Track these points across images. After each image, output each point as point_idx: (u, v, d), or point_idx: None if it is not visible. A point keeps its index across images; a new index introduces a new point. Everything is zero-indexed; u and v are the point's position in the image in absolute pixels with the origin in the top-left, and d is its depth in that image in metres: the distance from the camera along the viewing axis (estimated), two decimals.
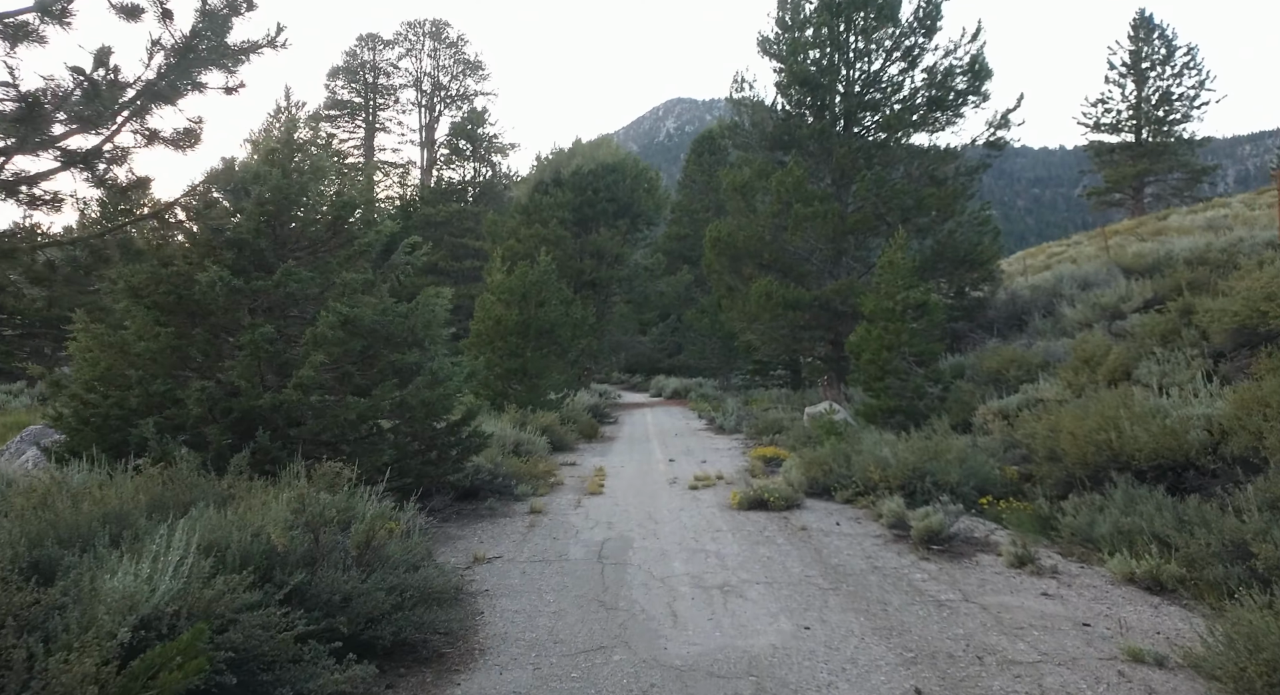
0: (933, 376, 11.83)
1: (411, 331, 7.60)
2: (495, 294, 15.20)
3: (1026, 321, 14.29)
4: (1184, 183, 41.31)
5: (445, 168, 42.10)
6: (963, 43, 14.96)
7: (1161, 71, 40.82)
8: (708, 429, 16.91)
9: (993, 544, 6.05)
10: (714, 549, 6.16)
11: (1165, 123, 40.65)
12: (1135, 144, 41.28)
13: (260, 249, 7.09)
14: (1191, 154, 40.59)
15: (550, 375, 15.36)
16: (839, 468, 8.46)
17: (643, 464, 11.59)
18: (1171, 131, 40.59)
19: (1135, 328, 10.54)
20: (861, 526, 6.89)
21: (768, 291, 14.35)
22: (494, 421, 12.27)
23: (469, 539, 6.73)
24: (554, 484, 9.60)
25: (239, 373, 6.58)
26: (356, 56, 51.63)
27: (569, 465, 11.54)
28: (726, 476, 10.01)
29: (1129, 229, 25.77)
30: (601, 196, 27.26)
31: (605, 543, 6.47)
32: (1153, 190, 41.98)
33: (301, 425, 6.79)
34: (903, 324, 11.78)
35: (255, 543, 3.78)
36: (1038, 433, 7.92)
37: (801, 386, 20.18)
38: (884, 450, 8.20)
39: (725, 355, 26.74)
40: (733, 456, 12.27)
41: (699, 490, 9.08)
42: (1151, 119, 40.97)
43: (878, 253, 15.72)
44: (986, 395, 10.99)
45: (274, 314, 7.30)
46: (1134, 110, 41.30)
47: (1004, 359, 11.53)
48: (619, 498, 8.70)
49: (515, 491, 8.62)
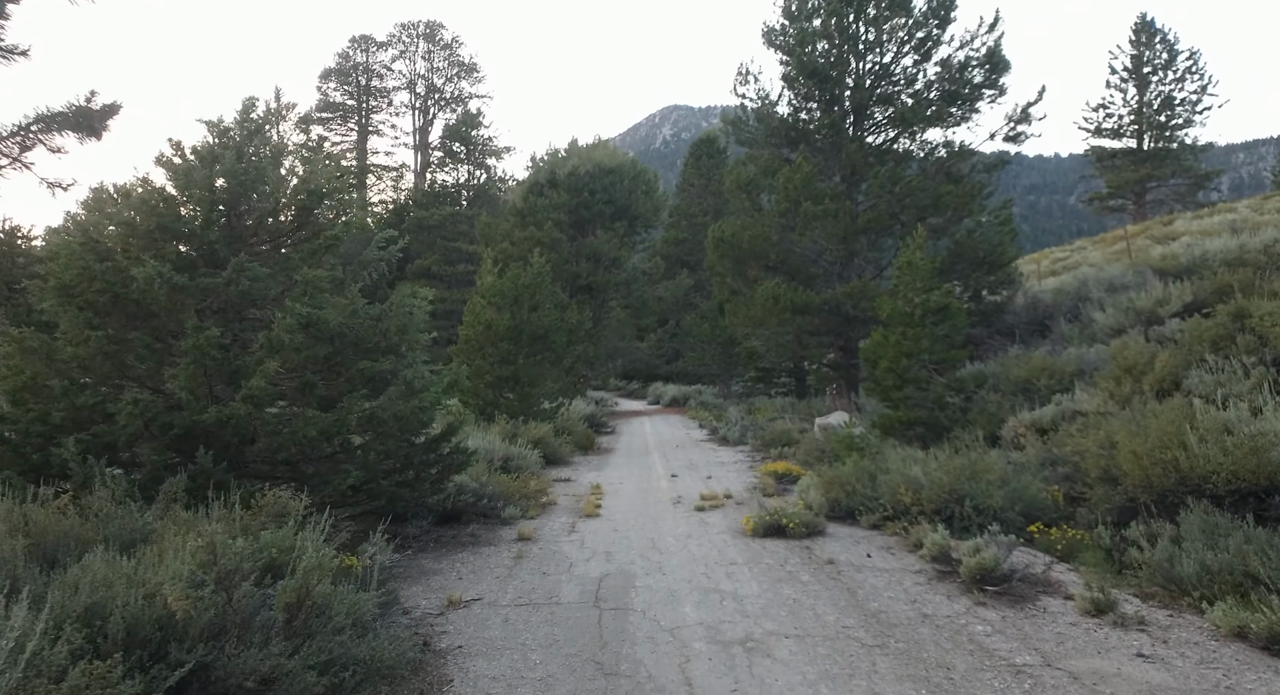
0: (955, 386, 10.99)
1: (385, 336, 6.73)
2: (486, 297, 14.34)
3: (1050, 327, 13.47)
4: (1186, 188, 40.80)
5: (439, 170, 41.28)
6: (980, 33, 14.20)
7: (1163, 76, 40.29)
8: (710, 440, 16.05)
9: (1055, 584, 5.19)
10: (730, 588, 5.28)
11: (1167, 128, 40.12)
12: (1137, 149, 40.74)
13: (210, 241, 6.21)
14: (1194, 159, 40.05)
15: (544, 383, 14.49)
16: (863, 488, 7.59)
17: (643, 480, 10.71)
18: (1174, 136, 40.06)
19: (1179, 333, 9.72)
20: (897, 559, 6.02)
21: (774, 294, 13.51)
22: (482, 434, 11.38)
23: (445, 573, 5.84)
24: (546, 505, 8.72)
25: (181, 383, 5.70)
26: (349, 58, 50.87)
27: (563, 482, 10.65)
28: (735, 495, 9.14)
29: (1135, 234, 25.08)
30: (598, 198, 26.43)
31: (603, 579, 5.60)
32: (1155, 196, 41.45)
33: (254, 444, 5.91)
34: (922, 329, 10.95)
35: (148, 607, 2.89)
36: (1087, 449, 7.08)
37: (807, 395, 19.33)
38: (914, 469, 7.34)
39: (726, 362, 25.88)
40: (740, 471, 11.40)
41: (706, 512, 8.21)
42: (1153, 124, 40.40)
43: (891, 254, 14.91)
44: (1016, 406, 10.15)
45: (227, 316, 6.43)
46: (1135, 115, 40.74)
47: (1033, 367, 10.69)
48: (618, 521, 7.82)
49: (502, 514, 7.74)
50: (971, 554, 5.32)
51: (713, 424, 17.72)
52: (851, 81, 14.68)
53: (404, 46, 51.35)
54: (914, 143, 14.42)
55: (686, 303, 34.30)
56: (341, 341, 6.41)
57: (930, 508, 6.82)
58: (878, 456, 8.58)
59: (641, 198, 27.64)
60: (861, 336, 14.94)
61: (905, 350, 10.97)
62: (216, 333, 5.68)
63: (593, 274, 25.67)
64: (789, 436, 13.21)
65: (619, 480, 10.75)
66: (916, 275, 11.24)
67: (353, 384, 6.46)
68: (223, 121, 6.68)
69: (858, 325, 14.38)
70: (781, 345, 15.05)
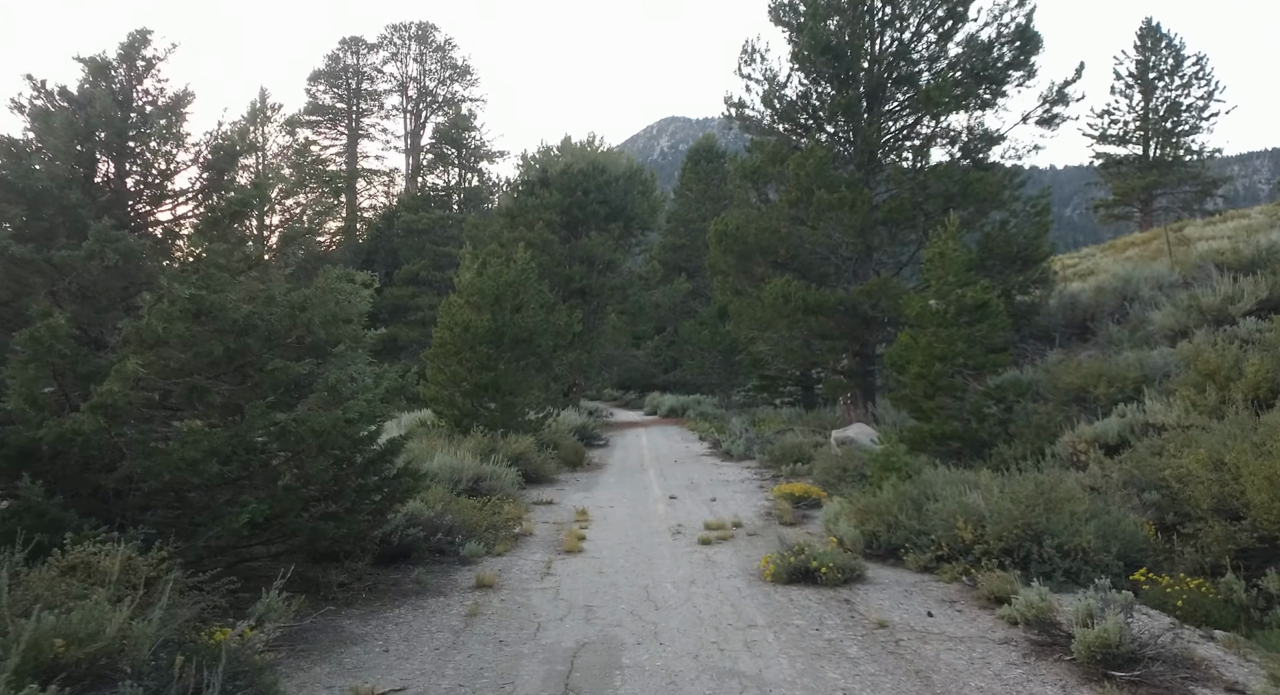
0: (995, 395, 9.59)
1: (308, 329, 5.29)
2: (464, 297, 12.92)
3: (1092, 329, 12.09)
4: (1192, 196, 39.84)
5: (429, 172, 39.98)
6: (1009, 7, 12.90)
7: (1169, 81, 39.34)
8: (712, 454, 14.60)
9: (1202, 665, 3.75)
10: (751, 669, 3.84)
11: (1174, 134, 39.15)
12: (1143, 156, 39.76)
13: (71, 205, 4.78)
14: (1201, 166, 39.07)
15: (528, 392, 13.05)
16: (908, 520, 6.16)
17: (637, 503, 9.26)
18: (1180, 143, 39.11)
19: (1260, 334, 8.35)
20: (969, 620, 4.58)
21: (784, 293, 12.11)
22: (453, 449, 9.94)
23: (369, 642, 4.38)
24: (519, 536, 7.26)
25: (16, 387, 4.26)
26: (339, 60, 49.61)
27: (544, 505, 9.19)
28: (746, 523, 7.70)
29: (1145, 240, 23.86)
30: (592, 198, 25.04)
31: (580, 652, 4.15)
32: (1162, 203, 40.47)
33: (115, 469, 4.46)
34: (956, 330, 9.56)
35: None
36: (1189, 472, 5.67)
37: (816, 405, 17.89)
38: (971, 496, 5.91)
39: (726, 370, 24.46)
40: (748, 492, 9.95)
41: (713, 546, 6.76)
42: (1159, 130, 39.44)
43: (912, 249, 13.56)
44: (1071, 418, 8.74)
45: (99, 302, 5.00)
46: (1141, 121, 39.78)
47: (1087, 374, 9.29)
48: (605, 559, 6.37)
49: (462, 551, 6.28)
50: (1082, 619, 3.89)
51: (714, 436, 16.26)
52: (867, 61, 13.35)
53: (395, 48, 50.17)
54: (937, 126, 13.07)
55: (685, 309, 32.90)
56: (248, 336, 4.97)
57: (998, 547, 5.38)
58: (918, 478, 7.14)
59: (638, 198, 26.26)
60: (879, 340, 13.57)
61: (938, 353, 9.56)
62: (64, 321, 4.24)
63: (586, 277, 24.23)
64: (802, 451, 11.77)
65: (609, 503, 9.30)
66: (949, 269, 9.85)
67: (261, 390, 5.02)
68: (105, 55, 5.27)
69: (875, 328, 12.99)
70: (790, 350, 13.63)
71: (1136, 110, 39.96)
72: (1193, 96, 39.20)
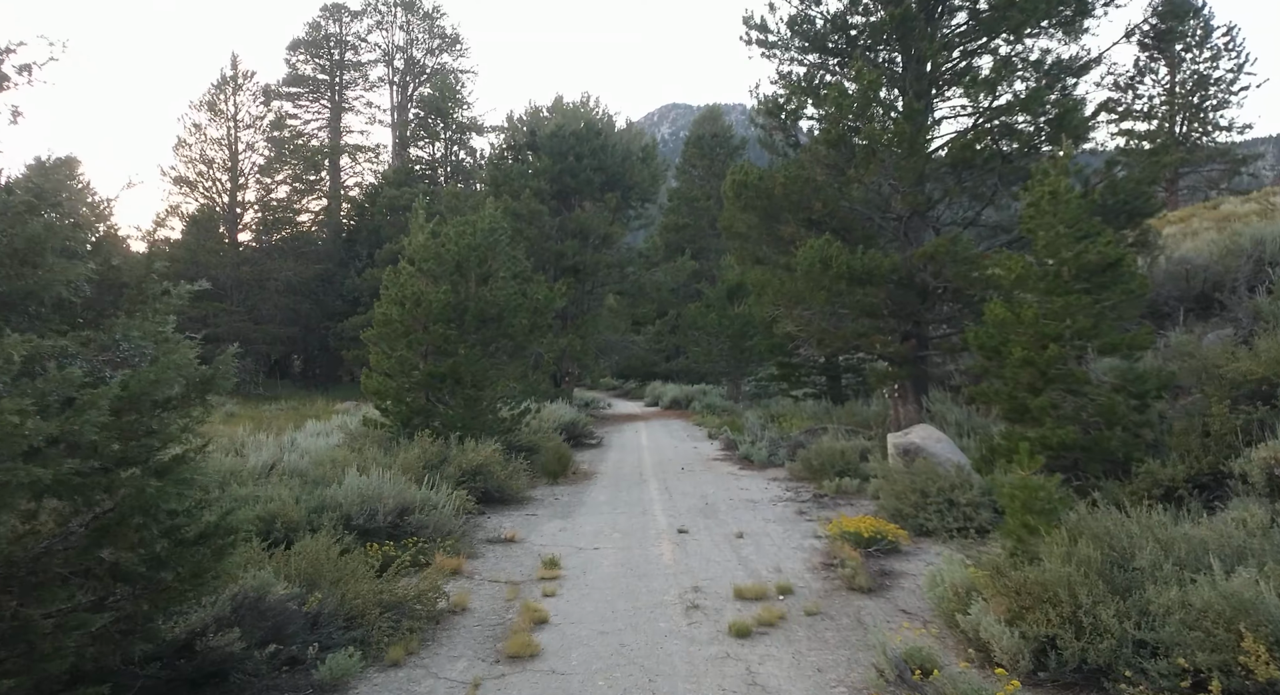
0: (1134, 388, 6.91)
1: None
2: (416, 263, 10.25)
3: (1219, 301, 9.39)
4: (1221, 174, 37.35)
5: (413, 144, 37.16)
6: None
7: (1197, 54, 36.75)
8: (726, 458, 11.94)
9: None
10: None
11: (1201, 109, 36.59)
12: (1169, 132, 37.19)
13: None
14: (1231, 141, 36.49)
15: (498, 383, 10.38)
16: (1107, 616, 3.47)
17: (632, 541, 6.59)
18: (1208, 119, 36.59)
19: None
20: None
21: (824, 257, 9.38)
22: (388, 463, 7.29)
23: None
24: (441, 616, 4.59)
25: None
26: (320, 28, 46.58)
27: (501, 544, 6.52)
28: (797, 586, 5.03)
29: (1180, 219, 21.28)
30: (586, 164, 22.25)
31: None
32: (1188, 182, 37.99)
33: None
34: (1075, 299, 6.89)
35: None
36: None
37: (845, 398, 15.19)
38: (1243, 582, 3.23)
39: (735, 358, 21.78)
40: (785, 522, 7.28)
41: (753, 641, 4.10)
42: (1186, 105, 36.83)
43: (979, 205, 10.81)
44: (1257, 424, 6.07)
45: None
46: (1167, 95, 37.20)
47: (1270, 361, 6.60)
48: (573, 675, 3.71)
49: (317, 669, 3.61)
50: None
51: (727, 434, 13.61)
52: None
53: (380, 15, 47.07)
54: (1016, 47, 10.28)
55: (689, 291, 30.16)
56: None
57: None
58: (1075, 524, 4.46)
59: (637, 164, 23.42)
60: (939, 317, 10.86)
61: (1050, 332, 6.88)
62: None
63: (580, 253, 21.47)
64: (846, 461, 9.10)
65: (594, 540, 6.64)
66: (1062, 215, 7.14)
67: None
68: None
69: (935, 301, 10.27)
70: (825, 331, 10.90)
71: (1162, 84, 37.36)
72: (1221, 69, 36.68)
